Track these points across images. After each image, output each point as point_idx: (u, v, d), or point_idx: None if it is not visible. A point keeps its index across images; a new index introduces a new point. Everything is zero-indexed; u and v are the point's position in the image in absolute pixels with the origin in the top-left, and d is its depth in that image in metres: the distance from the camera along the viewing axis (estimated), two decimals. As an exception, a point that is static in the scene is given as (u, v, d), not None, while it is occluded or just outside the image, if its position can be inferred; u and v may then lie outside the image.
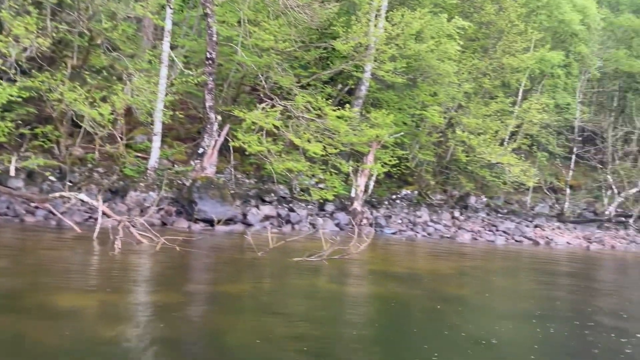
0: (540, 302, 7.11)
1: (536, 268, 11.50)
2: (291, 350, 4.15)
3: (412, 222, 17.32)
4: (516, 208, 21.26)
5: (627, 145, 23.36)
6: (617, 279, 11.39)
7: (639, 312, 7.21)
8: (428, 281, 8.11)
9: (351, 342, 4.56)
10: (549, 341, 5.11)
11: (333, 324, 5.01)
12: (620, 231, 20.61)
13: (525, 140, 20.25)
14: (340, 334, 4.73)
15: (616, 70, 22.44)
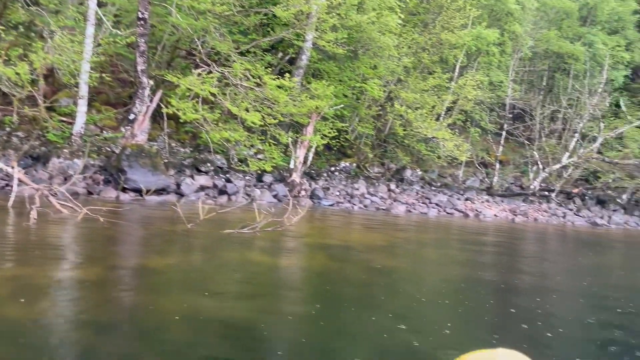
0: (466, 271, 7.38)
1: (465, 239, 11.96)
2: (218, 330, 4.01)
3: (350, 194, 17.50)
4: (449, 182, 21.99)
5: (553, 123, 24.64)
6: (538, 249, 12.08)
7: (555, 278, 7.65)
8: (361, 253, 8.20)
9: (281, 318, 4.48)
10: (474, 306, 5.30)
11: (263, 300, 4.91)
12: (543, 204, 21.88)
13: (459, 115, 20.85)
14: (270, 310, 4.64)
15: (546, 50, 23.41)
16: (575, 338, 4.70)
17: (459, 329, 4.60)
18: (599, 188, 24.08)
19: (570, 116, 24.00)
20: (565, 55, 23.51)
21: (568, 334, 4.75)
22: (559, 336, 4.61)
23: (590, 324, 5.06)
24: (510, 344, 4.17)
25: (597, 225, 20.46)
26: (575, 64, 23.58)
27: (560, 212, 21.28)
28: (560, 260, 9.92)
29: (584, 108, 23.32)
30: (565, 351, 4.27)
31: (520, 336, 4.47)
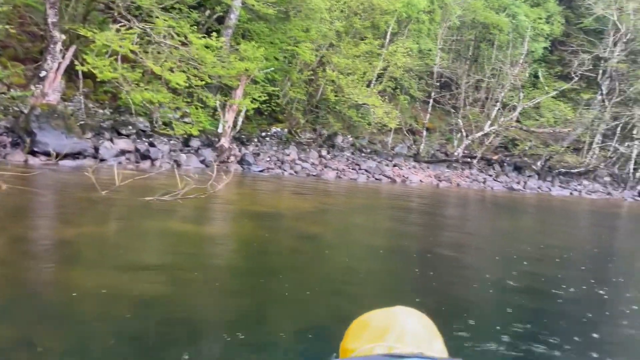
0: (392, 237, 7.53)
1: (392, 205, 12.24)
2: (132, 305, 3.77)
3: (281, 160, 17.32)
4: (378, 148, 22.36)
5: (477, 92, 25.56)
6: (460, 214, 12.62)
7: (475, 242, 8.00)
8: (290, 220, 8.13)
9: (203, 290, 4.31)
10: (398, 270, 5.41)
11: (184, 272, 4.68)
12: (465, 171, 22.87)
13: (390, 83, 21.05)
14: (192, 283, 4.43)
15: (474, 20, 23.98)
16: (491, 300, 4.91)
17: (383, 293, 4.66)
18: (516, 155, 25.51)
19: (493, 86, 24.99)
20: (490, 26, 24.22)
21: (485, 296, 4.96)
22: (477, 299, 4.81)
23: (506, 287, 5.32)
24: (431, 306, 4.28)
25: (513, 190, 21.74)
26: (500, 34, 24.38)
27: (481, 177, 22.38)
28: (479, 225, 10.42)
29: (505, 78, 24.33)
30: (480, 312, 4.45)
31: (440, 299, 4.61)
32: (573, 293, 5.24)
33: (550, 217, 14.02)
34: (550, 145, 25.77)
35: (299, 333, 3.60)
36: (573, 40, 28.26)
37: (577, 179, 27.04)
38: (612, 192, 26.69)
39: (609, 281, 6.12)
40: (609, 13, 26.67)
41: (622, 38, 27.45)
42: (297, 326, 3.74)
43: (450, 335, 3.80)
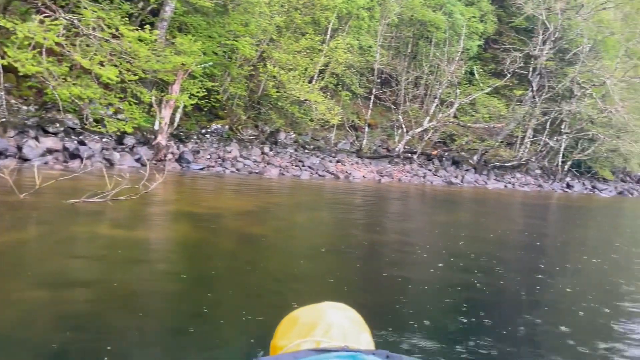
0: (334, 234, 7.44)
1: (335, 201, 12.20)
2: (52, 321, 3.41)
3: (222, 157, 16.89)
4: (322, 144, 22.34)
5: (417, 89, 26.11)
6: (401, 209, 12.77)
7: (415, 237, 8.07)
8: (231, 220, 7.86)
9: (130, 301, 4.00)
10: (340, 270, 5.30)
11: (110, 282, 4.33)
12: (406, 166, 23.30)
13: (331, 79, 21.04)
14: (118, 293, 4.10)
15: (412, 17, 24.42)
16: (429, 294, 4.91)
17: (324, 293, 4.53)
18: (454, 150, 26.31)
19: (431, 82, 25.60)
20: (428, 24, 24.76)
21: (423, 291, 4.95)
22: (416, 294, 4.78)
23: (444, 281, 5.35)
24: (374, 304, 4.19)
25: (452, 184, 22.37)
26: (437, 32, 24.98)
27: (421, 172, 22.87)
28: (419, 220, 10.57)
29: (443, 75, 24.97)
30: (421, 307, 4.42)
31: (380, 295, 4.54)
32: (509, 285, 5.35)
33: (486, 210, 14.49)
34: (486, 140, 26.78)
35: (238, 338, 3.42)
36: (505, 38, 29.47)
37: (511, 172, 28.26)
38: (543, 184, 28.11)
39: (543, 272, 6.31)
40: (538, 12, 27.98)
41: (550, 37, 28.90)
42: (236, 332, 3.54)
43: (387, 330, 3.77)
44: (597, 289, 5.57)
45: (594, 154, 31.88)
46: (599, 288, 5.65)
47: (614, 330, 4.12)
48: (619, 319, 4.40)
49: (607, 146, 31.17)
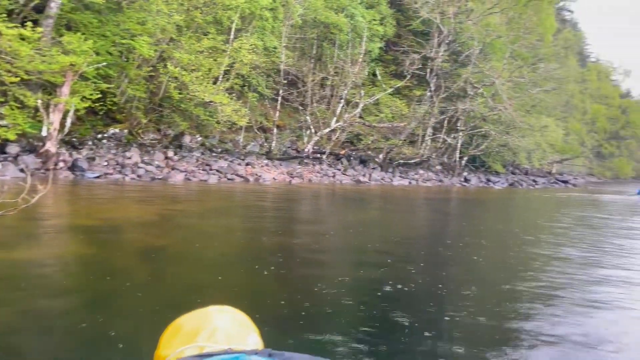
0: (244, 241, 7.18)
1: (245, 205, 11.89)
2: None
3: (121, 164, 15.87)
4: (230, 147, 21.82)
5: (323, 90, 26.39)
6: (312, 209, 12.76)
7: (325, 237, 8.03)
8: (129, 232, 7.29)
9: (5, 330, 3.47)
10: (247, 278, 5.06)
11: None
12: (316, 166, 23.47)
13: (237, 80, 20.60)
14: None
15: (315, 19, 24.64)
16: (337, 296, 4.84)
17: (231, 304, 4.29)
18: (361, 149, 26.98)
19: (337, 83, 26.01)
20: (331, 26, 25.12)
21: (332, 293, 4.87)
22: (326, 296, 4.68)
23: (352, 281, 5.31)
24: (283, 307, 4.01)
25: (360, 182, 22.90)
26: (340, 34, 25.43)
27: (331, 172, 23.17)
28: (330, 220, 10.60)
29: (347, 76, 25.49)
30: (332, 309, 4.33)
31: (291, 299, 4.38)
32: (418, 279, 5.45)
33: (394, 206, 14.94)
34: (390, 138, 27.78)
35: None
36: (404, 41, 30.77)
37: (414, 169, 29.55)
38: (443, 179, 29.71)
39: (449, 263, 6.54)
40: (433, 16, 29.50)
41: (444, 40, 30.63)
42: (131, 354, 3.19)
43: (299, 332, 3.63)
44: (502, 276, 5.85)
45: (487, 149, 34.32)
46: (504, 274, 5.94)
47: (520, 313, 4.30)
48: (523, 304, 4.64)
49: (498, 142, 33.71)
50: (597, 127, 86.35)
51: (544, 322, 4.17)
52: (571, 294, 5.11)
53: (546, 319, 4.28)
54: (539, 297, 4.96)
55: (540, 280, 5.74)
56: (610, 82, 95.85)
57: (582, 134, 75.25)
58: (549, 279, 5.81)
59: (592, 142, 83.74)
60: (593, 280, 5.83)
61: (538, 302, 4.78)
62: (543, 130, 37.23)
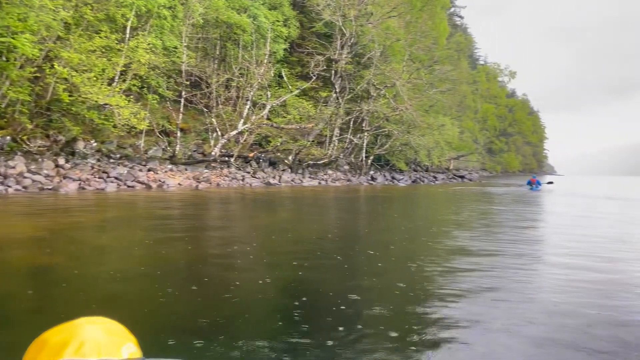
0: (147, 254, 6.66)
1: (147, 215, 11.17)
2: None
3: (3, 174, 14.30)
4: (130, 152, 20.58)
5: (228, 91, 25.81)
6: (221, 214, 12.31)
7: (237, 243, 7.73)
8: (11, 251, 6.46)
9: None
10: (152, 294, 4.65)
11: None
12: (224, 170, 22.87)
13: (135, 81, 19.48)
14: None
15: (217, 19, 24.02)
16: (251, 301, 4.61)
17: (131, 325, 3.89)
18: (270, 151, 26.75)
19: (243, 85, 25.57)
20: (234, 26, 24.64)
21: (246, 298, 4.63)
22: (241, 303, 4.43)
23: (268, 286, 5.11)
24: (187, 317, 3.70)
25: (270, 184, 22.68)
26: (243, 35, 25.02)
27: (240, 175, 22.69)
28: (241, 224, 10.26)
29: (253, 77, 25.15)
30: (246, 315, 4.09)
31: (199, 310, 4.08)
32: (331, 278, 5.37)
33: (304, 207, 14.90)
34: (299, 140, 27.86)
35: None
36: (308, 43, 31.04)
37: (323, 169, 29.90)
38: (352, 178, 30.39)
39: (360, 261, 6.55)
40: (335, 19, 30.05)
41: (347, 42, 31.33)
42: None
43: (209, 341, 3.38)
44: (411, 265, 5.94)
45: (391, 149, 35.69)
46: (414, 264, 6.04)
47: (428, 313, 4.34)
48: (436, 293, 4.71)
49: (401, 141, 35.20)
50: (488, 125, 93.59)
51: (456, 306, 4.26)
52: (473, 279, 5.31)
53: (456, 303, 4.38)
54: (447, 283, 5.09)
55: (445, 266, 5.92)
56: (497, 83, 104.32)
57: (475, 131, 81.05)
58: (453, 265, 6.01)
59: (484, 139, 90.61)
60: (491, 267, 6.12)
61: (447, 288, 4.90)
62: (441, 129, 39.51)
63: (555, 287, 5.31)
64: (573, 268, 6.32)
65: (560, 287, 5.32)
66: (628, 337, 3.79)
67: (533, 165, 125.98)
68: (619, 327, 4.02)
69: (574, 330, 3.91)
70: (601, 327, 4.01)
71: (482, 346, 3.56)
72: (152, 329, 3.79)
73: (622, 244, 8.83)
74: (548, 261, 6.99)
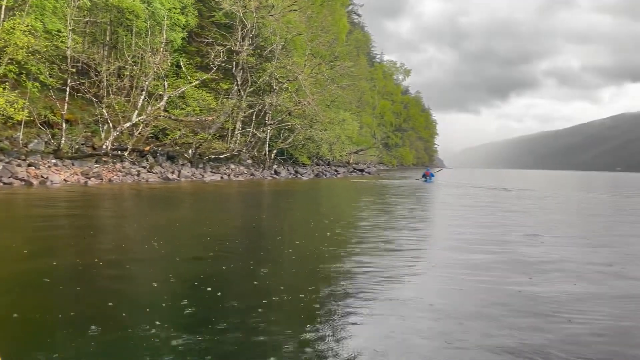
0: (27, 260, 5.89)
1: (26, 216, 10.00)
2: None
3: None
4: (6, 145, 18.49)
5: (121, 80, 24.13)
6: (114, 213, 11.39)
7: (132, 243, 7.14)
8: None
9: None
10: (33, 311, 4.06)
11: None
12: (117, 164, 21.34)
13: (11, 67, 17.47)
14: None
15: (107, 2, 22.30)
16: (144, 309, 4.22)
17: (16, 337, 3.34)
18: (168, 145, 25.47)
19: (137, 74, 24.05)
20: (125, 11, 23.04)
21: (142, 300, 4.22)
22: (134, 304, 4.02)
23: (164, 287, 4.72)
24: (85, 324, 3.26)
25: (169, 180, 21.59)
26: (137, 21, 23.51)
27: (135, 170, 21.32)
28: (136, 225, 9.52)
29: (148, 66, 23.74)
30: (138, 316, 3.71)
31: (94, 314, 3.62)
32: (234, 277, 5.11)
33: (206, 204, 14.33)
34: (199, 133, 26.82)
35: None
36: (208, 33, 30.00)
37: (226, 164, 29.16)
38: (255, 172, 29.97)
39: (265, 257, 6.34)
40: (235, 9, 29.31)
41: (248, 34, 30.75)
42: None
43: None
44: (314, 257, 5.85)
45: (294, 143, 35.78)
46: (317, 255, 5.96)
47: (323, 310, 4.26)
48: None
49: (303, 135, 35.42)
50: (385, 120, 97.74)
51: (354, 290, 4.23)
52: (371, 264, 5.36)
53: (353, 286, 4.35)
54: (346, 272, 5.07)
55: (345, 253, 5.92)
56: (393, 81, 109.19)
57: (373, 127, 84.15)
58: (352, 250, 6.04)
59: (381, 134, 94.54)
60: (387, 253, 6.25)
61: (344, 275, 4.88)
62: (342, 124, 40.35)
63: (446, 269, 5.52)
64: (464, 251, 6.66)
65: (451, 265, 5.55)
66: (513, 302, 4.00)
67: (425, 159, 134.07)
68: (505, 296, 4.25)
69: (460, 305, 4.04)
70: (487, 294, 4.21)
71: (380, 324, 3.54)
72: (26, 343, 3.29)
73: (504, 228, 9.52)
74: (442, 253, 7.29)
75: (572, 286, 5.19)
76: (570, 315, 4.19)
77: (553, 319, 4.07)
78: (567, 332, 3.79)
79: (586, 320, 4.07)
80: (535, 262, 6.38)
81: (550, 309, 4.33)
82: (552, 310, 4.31)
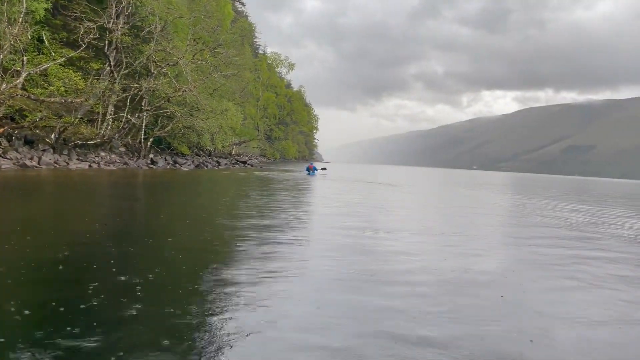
0: None
1: None
2: None
3: None
4: None
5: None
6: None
7: None
8: None
9: None
10: None
11: None
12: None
13: None
14: None
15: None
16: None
17: None
18: (26, 127, 22.69)
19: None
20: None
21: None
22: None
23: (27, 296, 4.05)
24: None
25: (27, 167, 19.26)
26: (-10, -16, 20.56)
27: (-17, 155, 18.62)
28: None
29: (4, 38, 20.89)
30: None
31: None
32: (104, 281, 4.57)
33: (73, 194, 12.92)
34: (64, 116, 24.26)
35: None
36: (76, 6, 27.25)
37: (95, 151, 26.84)
38: (129, 161, 27.98)
39: (131, 256, 5.81)
40: (109, -17, 26.99)
41: (124, 11, 28.49)
42: None
43: None
44: (195, 257, 5.49)
45: (173, 131, 34.12)
46: (198, 254, 5.60)
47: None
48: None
49: (183, 123, 33.90)
50: (268, 112, 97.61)
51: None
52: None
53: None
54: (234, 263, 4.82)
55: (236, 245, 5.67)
56: (277, 73, 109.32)
57: (256, 118, 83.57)
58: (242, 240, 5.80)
59: (264, 127, 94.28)
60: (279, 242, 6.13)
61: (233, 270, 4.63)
62: (225, 114, 39.33)
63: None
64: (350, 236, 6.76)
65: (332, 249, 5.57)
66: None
67: (305, 153, 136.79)
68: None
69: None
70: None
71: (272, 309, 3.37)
72: None
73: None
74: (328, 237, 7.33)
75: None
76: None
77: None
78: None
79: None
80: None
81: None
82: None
